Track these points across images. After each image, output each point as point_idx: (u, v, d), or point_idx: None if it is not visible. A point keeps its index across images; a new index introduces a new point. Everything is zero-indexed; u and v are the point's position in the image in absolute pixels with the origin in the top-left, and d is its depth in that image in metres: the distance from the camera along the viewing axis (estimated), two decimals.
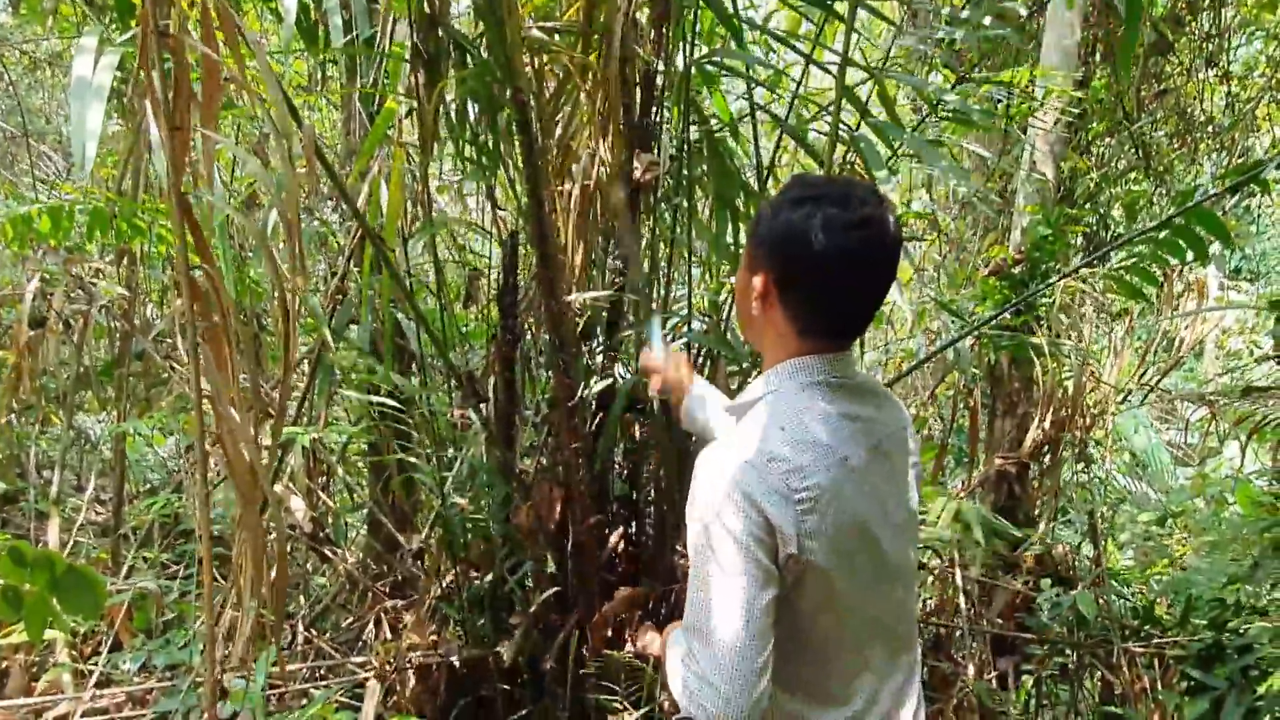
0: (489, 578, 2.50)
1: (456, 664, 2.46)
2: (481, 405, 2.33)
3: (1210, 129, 5.63)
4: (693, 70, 2.48)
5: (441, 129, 2.74)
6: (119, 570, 3.03)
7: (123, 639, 2.54)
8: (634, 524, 2.67)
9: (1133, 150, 5.20)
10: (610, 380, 2.50)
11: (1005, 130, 3.99)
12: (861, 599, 1.30)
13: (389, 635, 2.68)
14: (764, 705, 1.17)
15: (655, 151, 2.62)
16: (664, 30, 2.57)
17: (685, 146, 2.39)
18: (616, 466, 2.71)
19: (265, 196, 3.79)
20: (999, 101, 3.76)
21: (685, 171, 2.51)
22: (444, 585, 2.57)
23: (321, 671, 2.85)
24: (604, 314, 2.60)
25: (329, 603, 3.14)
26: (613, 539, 2.58)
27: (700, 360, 2.80)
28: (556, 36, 2.58)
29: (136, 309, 3.29)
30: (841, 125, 2.22)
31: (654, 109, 2.59)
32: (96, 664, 2.50)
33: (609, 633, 2.28)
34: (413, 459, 2.51)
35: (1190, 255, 2.94)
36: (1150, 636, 3.00)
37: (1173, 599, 3.26)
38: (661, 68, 2.51)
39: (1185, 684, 2.84)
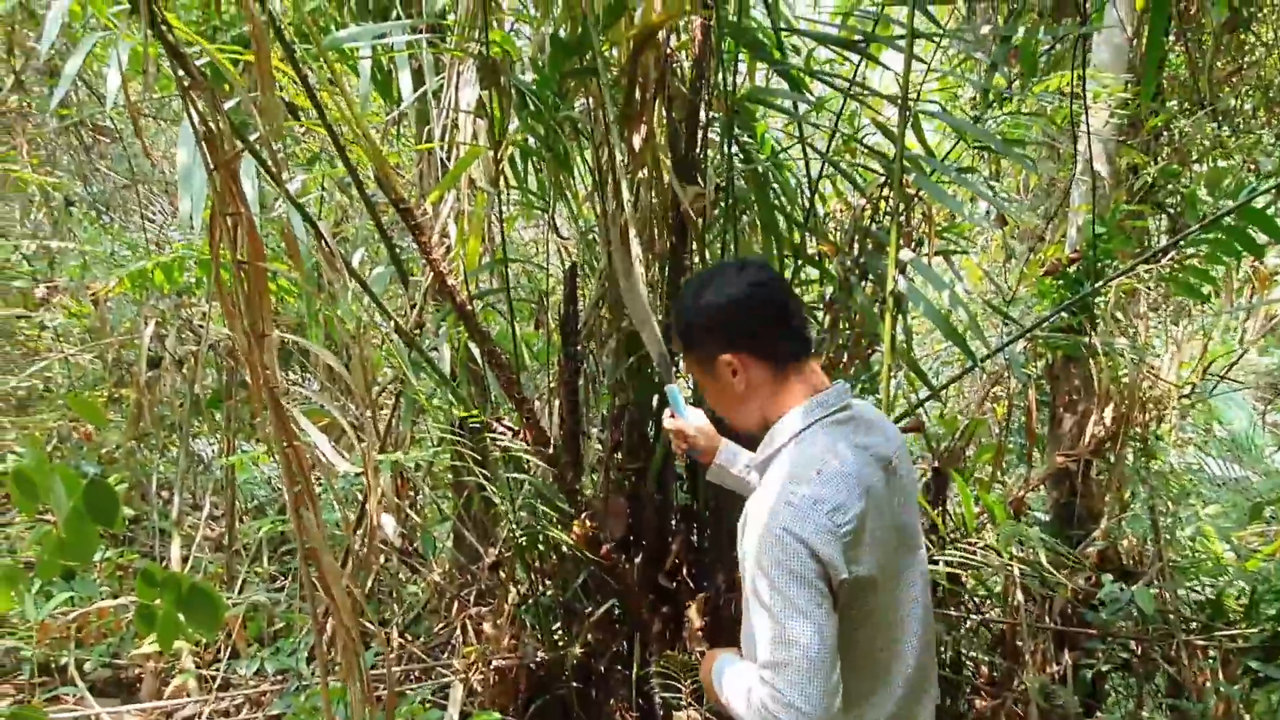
0: (559, 586, 2.71)
1: (533, 666, 2.67)
2: (543, 428, 2.53)
3: None
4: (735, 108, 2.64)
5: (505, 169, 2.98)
6: (233, 584, 3.34)
7: (239, 647, 2.83)
8: (694, 532, 2.85)
9: (1213, 128, 5.11)
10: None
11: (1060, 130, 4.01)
12: (895, 602, 1.48)
13: (474, 640, 2.92)
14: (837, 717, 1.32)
15: (701, 183, 2.79)
16: (705, 67, 2.73)
17: (730, 184, 2.55)
18: (679, 478, 2.91)
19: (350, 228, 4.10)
20: (1050, 104, 3.79)
21: (730, 203, 2.67)
22: (520, 593, 2.79)
23: (416, 674, 3.11)
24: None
25: (420, 610, 3.40)
26: (674, 546, 2.77)
27: None
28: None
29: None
30: (878, 157, 2.35)
31: (699, 143, 2.76)
32: (217, 670, 2.80)
33: (667, 635, 2.46)
34: (486, 478, 2.73)
35: (1245, 253, 2.96)
36: (1212, 629, 3.03)
37: (1240, 591, 3.28)
38: (704, 105, 2.68)
39: (1249, 678, 2.87)
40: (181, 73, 1.61)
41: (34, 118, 4.17)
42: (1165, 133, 4.98)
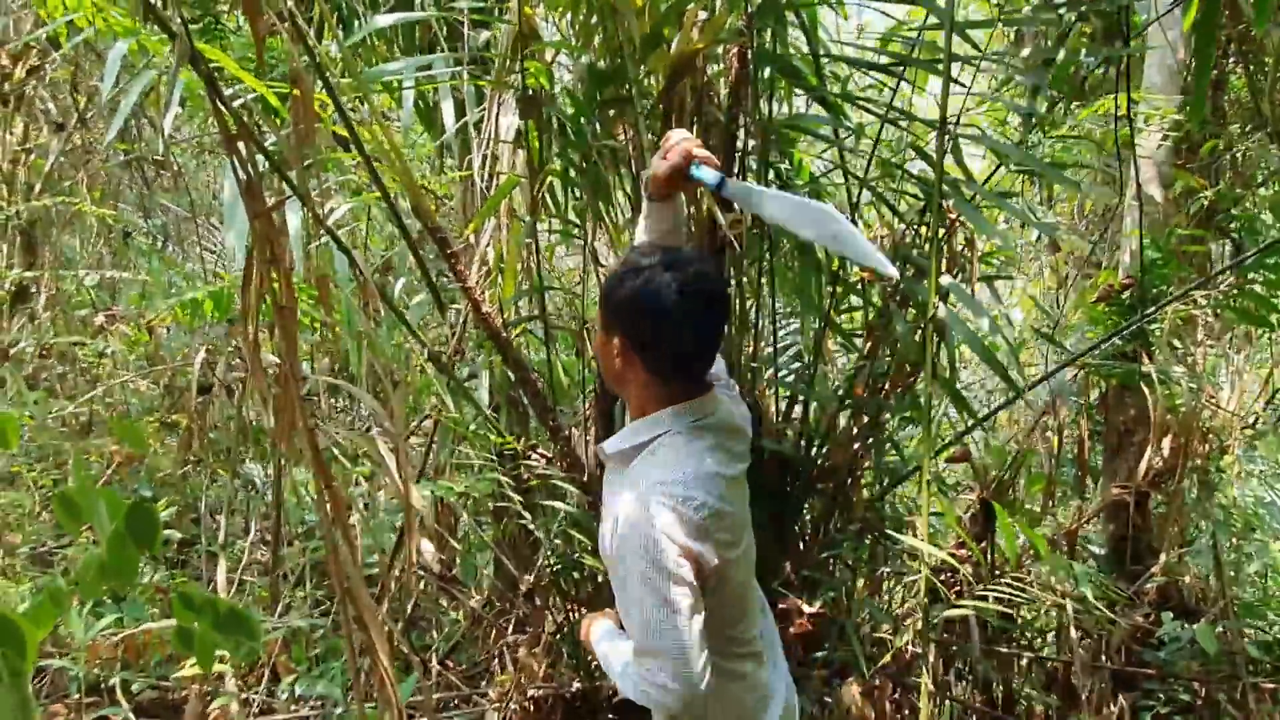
0: None
1: (569, 696, 2.65)
2: (578, 456, 2.52)
3: None
4: (773, 135, 2.63)
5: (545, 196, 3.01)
6: (277, 607, 3.38)
7: (280, 671, 2.86)
8: None
9: (1276, 151, 4.95)
10: None
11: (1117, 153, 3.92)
12: (748, 576, 1.67)
13: (511, 668, 2.90)
14: (709, 693, 1.44)
15: (739, 210, 2.78)
16: (742, 94, 2.73)
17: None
18: None
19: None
20: (1100, 128, 3.71)
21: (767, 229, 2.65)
22: (557, 622, 2.77)
23: (455, 702, 3.11)
24: None
25: (460, 638, 3.40)
26: None
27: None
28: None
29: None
30: (918, 182, 2.32)
31: (737, 170, 2.75)
32: (258, 693, 2.83)
33: None
34: (524, 505, 2.73)
35: None
36: None
37: None
38: (741, 132, 2.68)
39: None
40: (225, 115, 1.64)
41: (98, 152, 4.33)
42: (1228, 155, 4.85)
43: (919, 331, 2.32)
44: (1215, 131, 4.18)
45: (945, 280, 2.16)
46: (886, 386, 2.70)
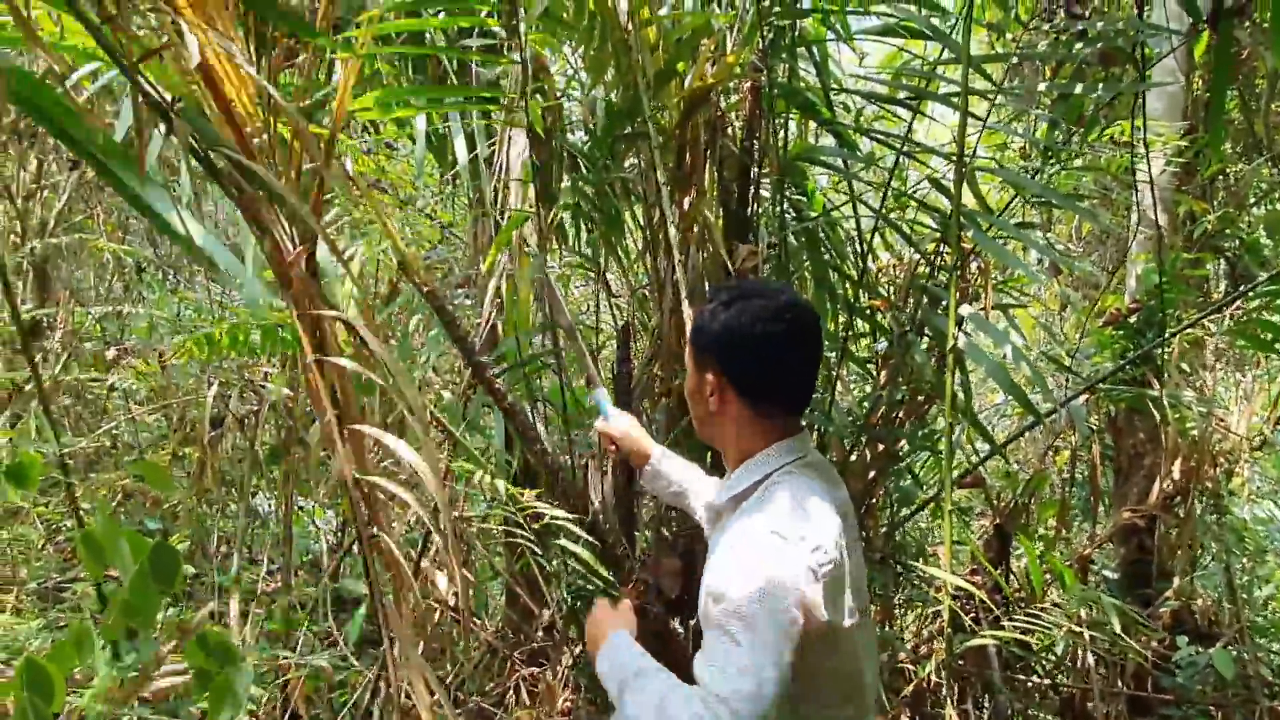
0: None
1: None
2: (573, 499, 2.49)
3: None
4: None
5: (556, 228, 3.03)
6: (290, 641, 3.36)
7: (299, 709, 2.84)
8: None
9: (1271, 171, 5.01)
10: None
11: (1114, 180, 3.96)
12: (864, 665, 1.49)
13: (527, 701, 2.89)
14: None
15: (753, 241, 2.80)
16: (756, 127, 2.76)
17: (784, 241, 2.56)
18: None
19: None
20: (1104, 155, 3.75)
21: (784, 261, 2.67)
22: (574, 655, 2.76)
23: None
24: None
25: (473, 669, 3.38)
26: None
27: None
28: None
29: (299, 403, 3.68)
30: (932, 213, 2.35)
31: (751, 202, 2.78)
32: None
33: None
34: (536, 543, 2.72)
35: None
36: None
37: None
38: (755, 165, 2.70)
39: None
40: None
41: (110, 189, 4.34)
42: (1221, 177, 4.89)
43: (935, 360, 2.34)
44: (1211, 155, 4.23)
45: (965, 310, 2.18)
46: (901, 415, 2.71)
